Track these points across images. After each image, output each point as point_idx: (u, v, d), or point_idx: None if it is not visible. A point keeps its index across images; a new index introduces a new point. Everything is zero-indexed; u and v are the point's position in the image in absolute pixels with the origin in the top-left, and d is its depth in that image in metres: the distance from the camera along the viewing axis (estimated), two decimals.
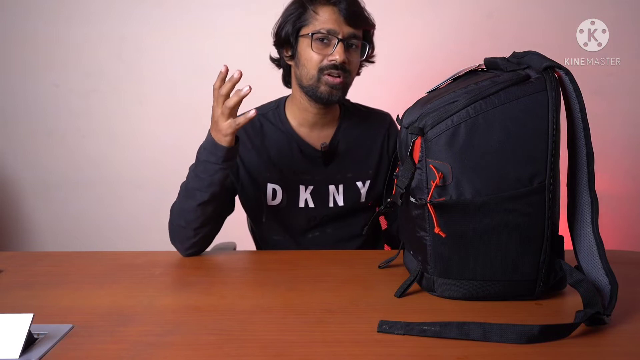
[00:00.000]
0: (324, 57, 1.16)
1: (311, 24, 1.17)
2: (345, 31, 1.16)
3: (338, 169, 1.28)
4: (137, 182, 2.29)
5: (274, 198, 1.26)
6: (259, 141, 1.26)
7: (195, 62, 2.17)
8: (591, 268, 0.84)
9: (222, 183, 1.11)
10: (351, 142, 1.29)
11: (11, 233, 2.39)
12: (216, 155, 1.08)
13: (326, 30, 1.15)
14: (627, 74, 2.06)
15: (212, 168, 1.09)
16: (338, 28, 1.15)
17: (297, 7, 1.19)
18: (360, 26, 1.19)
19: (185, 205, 1.13)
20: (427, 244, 0.88)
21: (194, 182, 1.11)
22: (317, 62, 1.17)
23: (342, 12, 1.15)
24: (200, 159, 1.11)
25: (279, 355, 0.74)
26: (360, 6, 1.20)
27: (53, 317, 0.85)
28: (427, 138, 0.85)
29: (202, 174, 1.10)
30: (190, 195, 1.12)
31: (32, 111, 2.25)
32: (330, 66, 1.16)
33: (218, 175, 1.10)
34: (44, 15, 2.17)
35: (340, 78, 1.17)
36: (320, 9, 1.17)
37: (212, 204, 1.13)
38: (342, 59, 1.15)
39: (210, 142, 1.08)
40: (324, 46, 1.16)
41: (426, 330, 0.78)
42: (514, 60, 0.91)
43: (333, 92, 1.18)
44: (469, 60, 1.01)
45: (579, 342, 0.76)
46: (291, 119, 1.28)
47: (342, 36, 1.15)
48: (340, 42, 1.15)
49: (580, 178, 0.84)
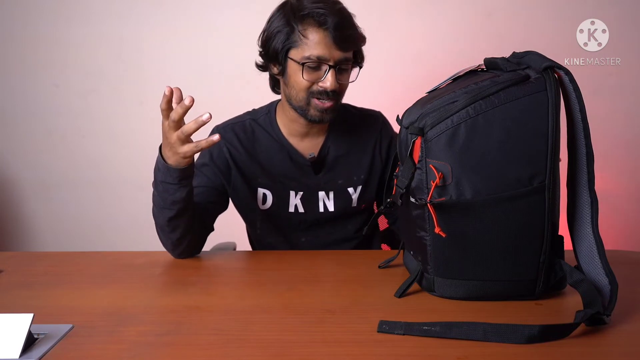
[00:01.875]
0: (314, 82, 1.13)
1: (300, 47, 1.11)
2: (336, 56, 1.11)
3: (328, 177, 1.26)
4: (137, 183, 2.28)
5: (264, 202, 1.26)
6: (251, 146, 1.25)
7: (195, 62, 2.17)
8: (591, 268, 0.84)
9: (186, 199, 1.07)
10: (342, 149, 1.27)
11: (11, 233, 2.39)
12: (172, 176, 1.03)
13: (316, 57, 1.10)
14: (627, 74, 2.06)
15: (172, 188, 1.05)
16: (328, 54, 1.10)
17: (284, 24, 1.13)
18: (351, 49, 1.14)
19: (158, 220, 1.11)
20: (427, 244, 0.88)
21: (158, 200, 1.08)
22: (306, 87, 1.14)
23: (332, 35, 1.09)
24: (157, 179, 1.06)
25: (279, 355, 0.74)
26: (351, 25, 1.14)
27: (53, 317, 0.85)
28: (427, 138, 0.85)
29: (163, 194, 1.06)
30: (159, 211, 1.09)
31: (32, 111, 2.25)
32: (320, 92, 1.13)
33: (179, 194, 1.05)
34: (44, 15, 2.17)
35: (331, 102, 1.15)
36: (310, 33, 1.10)
37: (183, 217, 1.09)
38: (333, 87, 1.12)
39: (163, 165, 1.03)
40: (313, 71, 1.12)
41: (426, 330, 0.78)
42: (514, 60, 0.91)
43: (324, 116, 1.16)
44: (469, 60, 1.01)
45: (579, 342, 0.76)
46: (282, 126, 1.26)
47: (334, 62, 1.11)
48: (332, 68, 1.11)
49: (580, 178, 0.84)
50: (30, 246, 2.39)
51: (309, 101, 1.15)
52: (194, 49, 2.17)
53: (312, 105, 1.15)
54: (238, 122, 1.28)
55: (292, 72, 1.14)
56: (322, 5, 1.10)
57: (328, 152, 1.27)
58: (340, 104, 1.20)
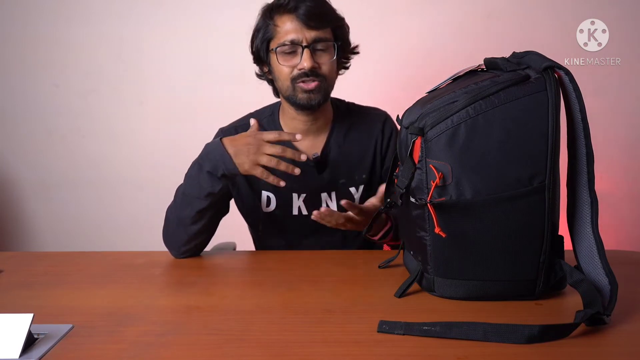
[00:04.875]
0: (293, 67, 1.15)
1: (275, 37, 1.16)
2: (308, 37, 1.13)
3: (331, 177, 1.27)
4: (137, 183, 2.29)
5: (268, 205, 1.27)
6: None
7: (195, 62, 2.17)
8: (591, 268, 0.84)
9: (220, 193, 1.11)
10: (344, 148, 1.28)
11: (11, 233, 2.39)
12: (222, 169, 1.07)
13: (289, 40, 1.13)
14: (627, 74, 2.06)
15: (215, 181, 1.09)
16: (300, 35, 1.13)
17: (262, 21, 1.18)
18: (323, 27, 1.15)
19: (182, 212, 1.12)
20: (427, 244, 0.88)
21: (193, 190, 1.10)
22: (287, 74, 1.16)
23: (301, 17, 1.12)
24: (204, 168, 1.09)
25: (279, 355, 0.74)
26: (322, 5, 1.16)
27: (53, 317, 0.85)
28: (427, 138, 0.85)
29: (203, 183, 1.09)
30: (188, 203, 1.11)
31: (32, 111, 2.26)
32: (301, 75, 1.15)
33: (217, 186, 1.09)
34: (44, 15, 2.17)
35: (315, 82, 1.16)
36: (279, 20, 1.15)
37: (210, 211, 1.13)
38: (309, 65, 1.13)
39: (221, 158, 1.07)
40: (291, 57, 1.15)
41: (426, 330, 0.78)
42: (514, 60, 0.91)
43: (311, 96, 1.17)
44: (469, 60, 1.01)
45: (579, 342, 0.76)
46: (285, 127, 1.27)
47: (307, 42, 1.13)
48: (306, 48, 1.13)
49: (580, 178, 0.84)
50: (30, 246, 2.39)
51: (294, 87, 1.17)
52: (194, 49, 2.17)
53: (298, 89, 1.17)
54: (241, 124, 1.28)
55: (274, 64, 1.18)
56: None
57: (330, 151, 1.27)
58: (327, 86, 1.19)
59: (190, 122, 2.16)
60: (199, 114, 2.15)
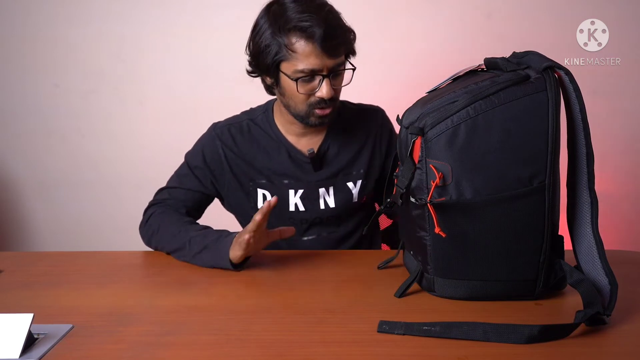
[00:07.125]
0: (310, 94, 1.12)
1: (290, 61, 1.09)
2: (328, 65, 1.09)
3: (328, 173, 1.26)
4: (137, 182, 2.28)
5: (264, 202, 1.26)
6: (248, 146, 1.25)
7: (195, 62, 2.17)
8: (591, 268, 0.84)
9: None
10: (341, 145, 1.27)
11: (11, 233, 2.39)
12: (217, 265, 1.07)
13: (309, 70, 1.08)
14: (627, 74, 2.05)
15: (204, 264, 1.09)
16: (320, 64, 1.08)
17: (271, 37, 1.09)
18: (342, 53, 1.12)
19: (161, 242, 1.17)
20: (427, 244, 0.88)
21: (183, 252, 1.11)
22: (304, 100, 1.13)
23: (320, 45, 1.06)
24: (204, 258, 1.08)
25: (279, 356, 0.74)
26: (339, 31, 1.10)
27: (53, 317, 0.85)
28: (427, 138, 0.85)
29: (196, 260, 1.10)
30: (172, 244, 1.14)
31: (32, 111, 2.25)
32: (319, 102, 1.13)
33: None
34: (44, 15, 2.17)
35: (330, 108, 1.15)
36: (296, 44, 1.07)
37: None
38: (330, 95, 1.11)
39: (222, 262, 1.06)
40: (308, 83, 1.11)
41: (426, 330, 0.78)
42: (514, 60, 0.91)
43: (324, 120, 1.17)
44: (469, 60, 1.01)
45: (579, 342, 0.76)
46: (280, 125, 1.26)
47: (327, 72, 1.10)
48: (326, 77, 1.10)
49: (580, 178, 0.84)
50: (30, 246, 2.38)
51: (310, 112, 1.15)
52: (193, 49, 2.16)
53: (312, 114, 1.16)
54: (235, 122, 1.28)
55: (286, 85, 1.14)
56: (307, 16, 1.07)
57: (328, 148, 1.27)
58: (338, 105, 1.20)
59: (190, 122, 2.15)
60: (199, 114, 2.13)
